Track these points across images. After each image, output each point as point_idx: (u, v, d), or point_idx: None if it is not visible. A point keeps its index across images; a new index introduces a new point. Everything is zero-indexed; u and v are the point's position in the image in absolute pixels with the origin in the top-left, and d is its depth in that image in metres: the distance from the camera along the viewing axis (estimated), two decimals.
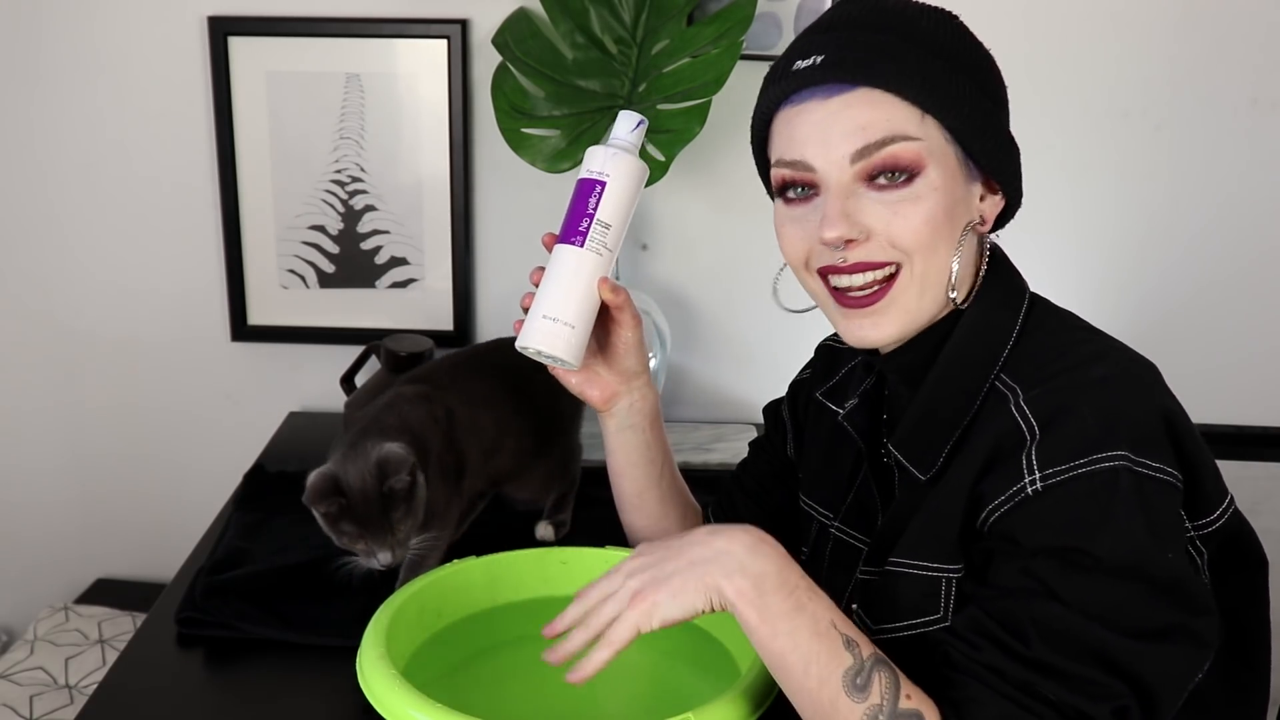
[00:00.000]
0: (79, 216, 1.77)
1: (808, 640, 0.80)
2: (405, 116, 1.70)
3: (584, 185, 1.01)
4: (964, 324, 0.91)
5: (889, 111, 0.86)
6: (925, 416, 0.90)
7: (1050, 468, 0.80)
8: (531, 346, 0.99)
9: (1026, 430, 0.82)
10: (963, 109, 0.86)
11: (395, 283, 1.78)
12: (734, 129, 1.68)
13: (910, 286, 0.89)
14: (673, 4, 1.52)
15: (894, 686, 0.79)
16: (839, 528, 1.03)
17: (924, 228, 0.87)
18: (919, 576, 0.87)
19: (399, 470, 1.07)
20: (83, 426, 1.88)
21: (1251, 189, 1.70)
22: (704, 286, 1.79)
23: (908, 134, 0.86)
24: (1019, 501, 0.80)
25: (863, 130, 0.86)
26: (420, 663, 1.01)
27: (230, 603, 1.20)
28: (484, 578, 1.10)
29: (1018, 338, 0.90)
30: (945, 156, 0.87)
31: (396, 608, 1.00)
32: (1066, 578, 0.78)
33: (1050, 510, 0.79)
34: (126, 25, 1.68)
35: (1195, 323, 1.73)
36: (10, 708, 1.55)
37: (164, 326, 1.82)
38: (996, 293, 0.92)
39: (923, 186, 0.86)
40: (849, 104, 0.86)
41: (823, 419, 1.08)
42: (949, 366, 0.90)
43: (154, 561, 1.91)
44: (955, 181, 0.88)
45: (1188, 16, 1.63)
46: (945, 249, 0.88)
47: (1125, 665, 0.77)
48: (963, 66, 0.87)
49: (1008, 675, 0.78)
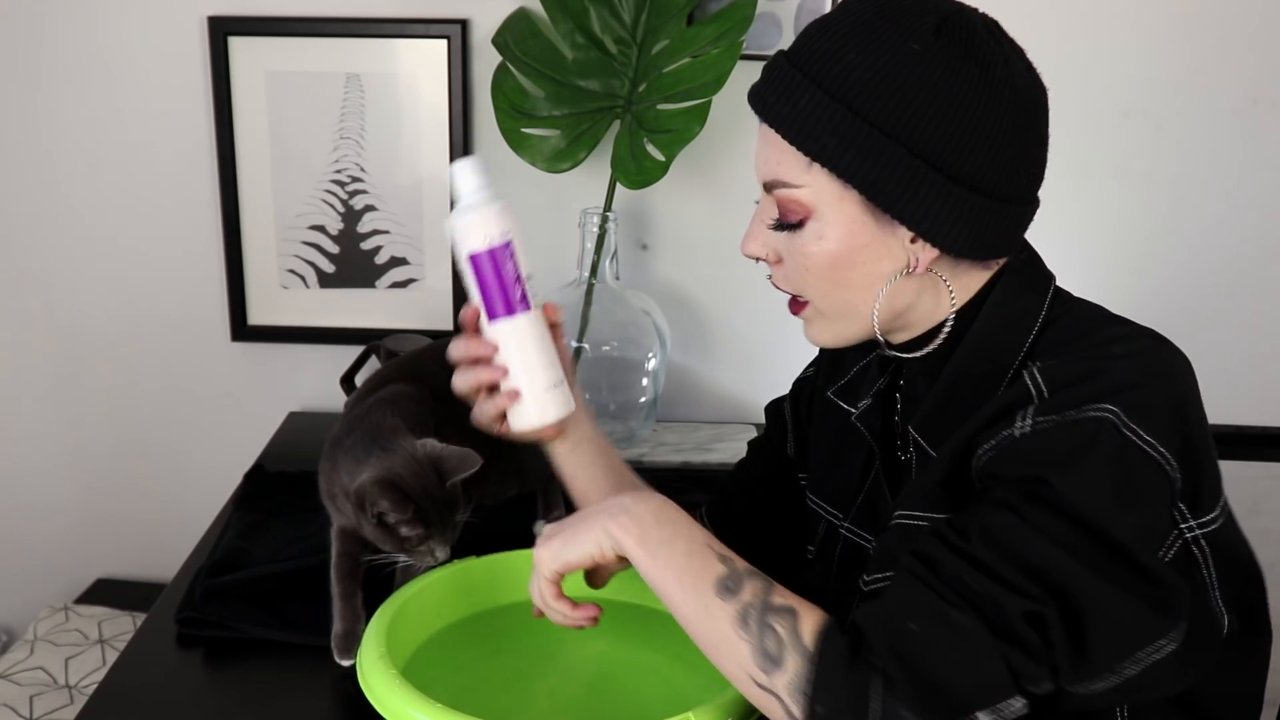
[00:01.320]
0: (79, 216, 1.77)
1: (683, 559, 0.85)
2: (405, 116, 1.70)
3: (495, 255, 0.97)
4: (987, 311, 0.90)
5: (779, 154, 0.87)
6: (949, 400, 0.90)
7: (1042, 416, 0.80)
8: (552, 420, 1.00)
9: (1036, 393, 0.82)
10: (846, 159, 0.84)
11: (395, 283, 1.78)
12: (734, 129, 1.68)
13: (817, 318, 0.93)
14: (673, 4, 1.52)
15: (766, 587, 0.83)
16: (849, 528, 1.02)
17: (810, 274, 0.89)
18: (906, 525, 0.88)
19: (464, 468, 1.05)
20: (83, 426, 1.88)
21: (1252, 189, 1.70)
22: (704, 286, 1.79)
23: (788, 181, 0.87)
24: (1002, 443, 0.81)
25: (764, 165, 0.90)
26: (420, 663, 1.01)
27: (230, 603, 1.20)
28: (484, 578, 1.10)
29: (1044, 324, 0.89)
30: (841, 201, 0.86)
31: (396, 608, 1.00)
32: (1024, 501, 0.78)
33: (1028, 447, 0.80)
34: (127, 25, 1.68)
35: (1195, 323, 1.72)
36: (10, 708, 1.55)
37: (164, 326, 1.82)
38: (1021, 279, 0.91)
39: (810, 233, 0.88)
40: (764, 137, 0.89)
41: (830, 417, 1.07)
42: (973, 353, 0.90)
43: (154, 561, 1.91)
44: (857, 229, 0.87)
45: (1188, 16, 1.63)
46: (852, 293, 0.89)
47: (1055, 579, 0.75)
48: (870, 113, 0.83)
49: (938, 567, 0.78)
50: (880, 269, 0.88)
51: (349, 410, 1.18)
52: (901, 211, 0.85)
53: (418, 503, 1.03)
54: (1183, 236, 1.73)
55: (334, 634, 1.10)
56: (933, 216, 0.85)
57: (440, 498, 1.04)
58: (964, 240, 0.86)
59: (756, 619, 0.81)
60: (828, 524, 1.05)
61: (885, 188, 0.84)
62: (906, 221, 0.86)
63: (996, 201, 0.86)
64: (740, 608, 0.82)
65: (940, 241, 0.86)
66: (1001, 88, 0.84)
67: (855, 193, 0.85)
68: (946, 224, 0.85)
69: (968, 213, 0.85)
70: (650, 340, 1.64)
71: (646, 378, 1.65)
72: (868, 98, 0.83)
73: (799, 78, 0.85)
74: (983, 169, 0.84)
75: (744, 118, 0.98)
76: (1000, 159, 0.85)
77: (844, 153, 0.84)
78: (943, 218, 0.85)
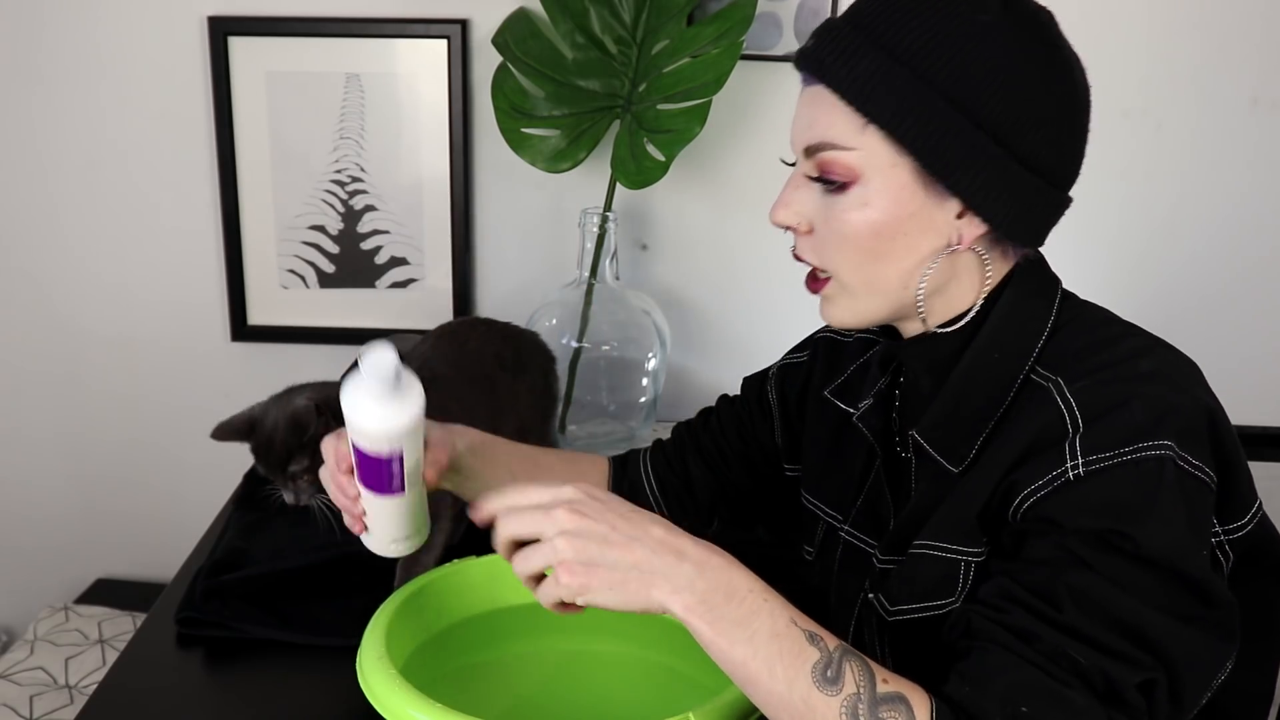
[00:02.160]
0: (79, 216, 1.77)
1: (767, 642, 0.77)
2: (405, 116, 1.70)
3: (383, 462, 0.90)
4: (997, 314, 0.88)
5: (831, 115, 0.84)
6: (956, 406, 0.89)
7: (1094, 454, 0.78)
8: (391, 555, 1.00)
9: (1070, 422, 0.81)
10: (907, 124, 0.82)
11: (395, 283, 1.78)
12: (734, 129, 1.68)
13: (840, 294, 0.90)
14: (673, 4, 1.52)
15: (868, 673, 0.76)
16: (849, 531, 1.01)
17: (846, 243, 0.86)
18: (938, 558, 0.87)
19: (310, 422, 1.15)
20: (83, 426, 1.88)
21: (1252, 189, 1.70)
22: (704, 286, 1.79)
23: (840, 143, 0.84)
24: (1058, 486, 0.79)
25: (809, 128, 0.86)
26: (420, 663, 1.01)
27: (230, 603, 1.20)
28: (484, 578, 1.10)
29: (1053, 329, 0.88)
30: (893, 169, 0.84)
31: (396, 608, 1.00)
32: (1103, 556, 0.77)
33: (1093, 493, 0.78)
34: (127, 25, 1.68)
35: (1196, 323, 1.72)
36: (10, 708, 1.55)
37: (164, 326, 1.82)
38: (1030, 281, 0.90)
39: (854, 199, 0.85)
40: (810, 98, 0.86)
41: (825, 415, 1.06)
42: (981, 356, 0.88)
43: (154, 561, 1.91)
44: (905, 197, 0.84)
45: (1188, 16, 1.63)
46: (888, 268, 0.86)
47: (1156, 640, 0.76)
48: (935, 79, 0.81)
49: (1037, 640, 0.76)
50: (920, 243, 0.86)
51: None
52: (957, 182, 0.83)
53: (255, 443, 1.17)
54: (1183, 236, 1.72)
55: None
56: (988, 190, 0.83)
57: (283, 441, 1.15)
58: (1013, 219, 0.85)
59: (867, 713, 0.75)
60: (827, 525, 1.05)
61: (944, 156, 0.82)
62: (961, 193, 0.84)
63: (1048, 184, 0.85)
64: (846, 702, 0.75)
65: (991, 217, 0.85)
66: (1065, 73, 0.84)
67: (909, 160, 0.83)
68: (1001, 200, 0.84)
69: (1022, 191, 0.84)
70: (650, 340, 1.63)
71: (646, 378, 1.65)
72: (933, 64, 0.81)
73: (861, 40, 0.83)
74: (1040, 149, 0.84)
75: (744, 118, 0.98)
76: (1057, 142, 0.85)
77: (905, 117, 0.82)
78: (997, 193, 0.84)
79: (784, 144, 0.92)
